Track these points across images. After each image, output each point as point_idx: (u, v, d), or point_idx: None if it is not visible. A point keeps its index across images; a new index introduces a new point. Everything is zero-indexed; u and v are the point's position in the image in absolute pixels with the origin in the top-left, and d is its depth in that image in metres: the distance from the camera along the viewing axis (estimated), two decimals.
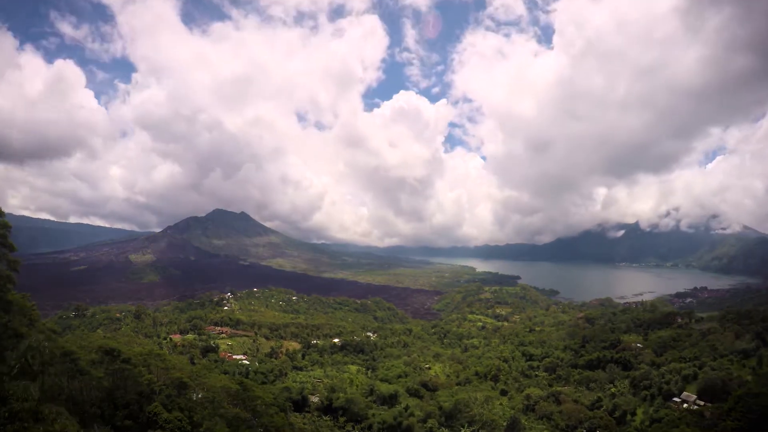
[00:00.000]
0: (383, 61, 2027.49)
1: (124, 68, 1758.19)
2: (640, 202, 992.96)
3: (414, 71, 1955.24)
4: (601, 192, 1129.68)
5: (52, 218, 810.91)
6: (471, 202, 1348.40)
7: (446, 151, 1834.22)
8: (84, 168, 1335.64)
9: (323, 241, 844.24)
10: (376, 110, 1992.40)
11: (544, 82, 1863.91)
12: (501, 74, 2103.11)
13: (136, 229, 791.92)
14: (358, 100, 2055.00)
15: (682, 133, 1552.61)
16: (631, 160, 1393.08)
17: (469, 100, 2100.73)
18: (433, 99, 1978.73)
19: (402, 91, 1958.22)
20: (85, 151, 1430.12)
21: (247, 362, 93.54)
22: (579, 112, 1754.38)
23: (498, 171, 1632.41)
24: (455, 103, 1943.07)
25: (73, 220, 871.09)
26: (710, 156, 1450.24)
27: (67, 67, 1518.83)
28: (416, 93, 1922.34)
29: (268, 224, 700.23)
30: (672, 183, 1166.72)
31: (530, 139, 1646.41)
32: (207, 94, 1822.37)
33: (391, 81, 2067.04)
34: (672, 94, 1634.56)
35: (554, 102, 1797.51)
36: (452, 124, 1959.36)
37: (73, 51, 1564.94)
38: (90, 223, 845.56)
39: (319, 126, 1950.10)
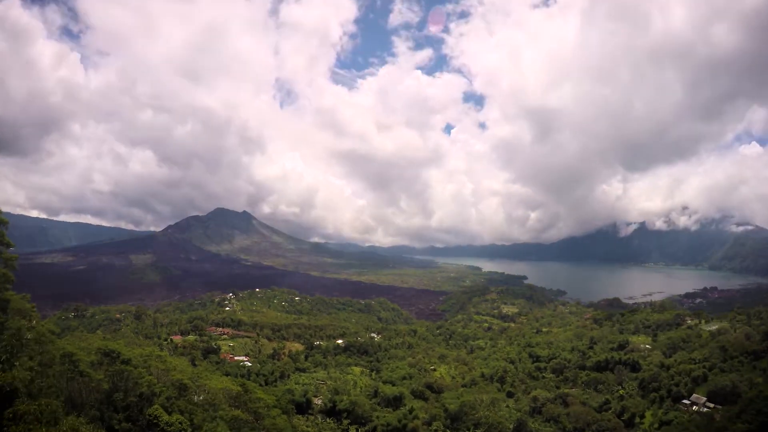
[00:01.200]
0: (360, 21, 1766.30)
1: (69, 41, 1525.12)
2: (651, 198, 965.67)
3: (401, 38, 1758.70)
4: (609, 187, 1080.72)
5: (45, 216, 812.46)
6: (476, 195, 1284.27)
7: (446, 134, 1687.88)
8: (58, 161, 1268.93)
9: (326, 241, 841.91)
10: (361, 82, 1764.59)
11: (549, 51, 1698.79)
12: (502, 40, 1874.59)
13: (133, 227, 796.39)
14: (331, 72, 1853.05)
15: (706, 114, 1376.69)
16: (645, 149, 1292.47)
17: (461, 71, 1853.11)
18: (427, 71, 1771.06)
19: (390, 60, 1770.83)
20: (62, 134, 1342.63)
21: (249, 364, 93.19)
22: (589, 86, 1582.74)
23: (503, 160, 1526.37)
24: (454, 71, 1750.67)
25: (64, 217, 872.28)
26: (740, 139, 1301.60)
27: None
28: (407, 63, 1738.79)
29: (269, 223, 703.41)
30: (685, 176, 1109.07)
31: (536, 122, 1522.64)
32: (168, 72, 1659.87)
33: (372, 47, 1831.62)
34: (701, 65, 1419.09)
35: (562, 74, 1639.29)
36: (452, 102, 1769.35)
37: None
38: (89, 222, 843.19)
39: (299, 107, 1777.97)
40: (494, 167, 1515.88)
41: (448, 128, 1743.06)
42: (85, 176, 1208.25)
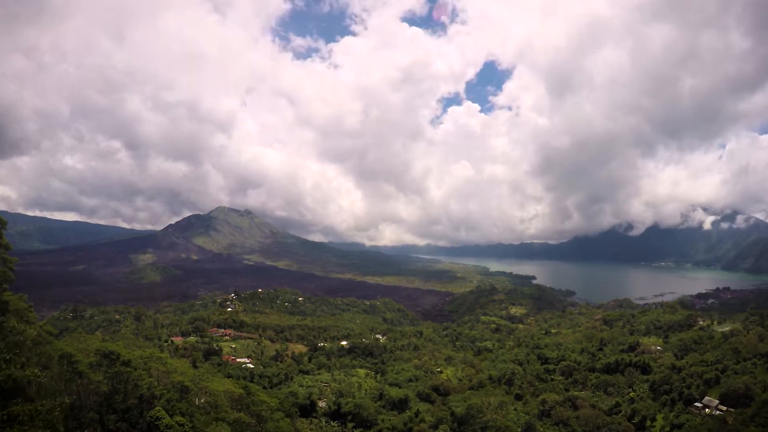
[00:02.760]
0: None
1: None
2: (666, 193, 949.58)
3: None
4: (626, 175, 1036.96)
5: (32, 213, 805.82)
6: (481, 186, 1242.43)
7: (444, 110, 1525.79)
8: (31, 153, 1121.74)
9: (330, 241, 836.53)
10: (332, 45, 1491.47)
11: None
12: None
13: (129, 226, 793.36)
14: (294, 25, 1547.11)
15: (749, 87, 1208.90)
16: (667, 132, 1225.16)
17: (457, 21, 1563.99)
18: (416, 23, 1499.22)
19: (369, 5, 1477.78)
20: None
21: (252, 365, 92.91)
22: (610, 51, 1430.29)
23: (510, 146, 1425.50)
24: (451, 20, 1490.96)
25: (58, 215, 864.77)
26: None
27: None
28: (392, 9, 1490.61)
29: (272, 222, 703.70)
30: (707, 166, 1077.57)
31: (551, 85, 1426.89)
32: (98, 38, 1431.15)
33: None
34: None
35: (583, 27, 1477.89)
36: (450, 66, 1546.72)
37: None
38: (87, 221, 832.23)
39: (267, 78, 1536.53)
40: (500, 153, 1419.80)
41: (445, 106, 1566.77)
42: (54, 170, 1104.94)
